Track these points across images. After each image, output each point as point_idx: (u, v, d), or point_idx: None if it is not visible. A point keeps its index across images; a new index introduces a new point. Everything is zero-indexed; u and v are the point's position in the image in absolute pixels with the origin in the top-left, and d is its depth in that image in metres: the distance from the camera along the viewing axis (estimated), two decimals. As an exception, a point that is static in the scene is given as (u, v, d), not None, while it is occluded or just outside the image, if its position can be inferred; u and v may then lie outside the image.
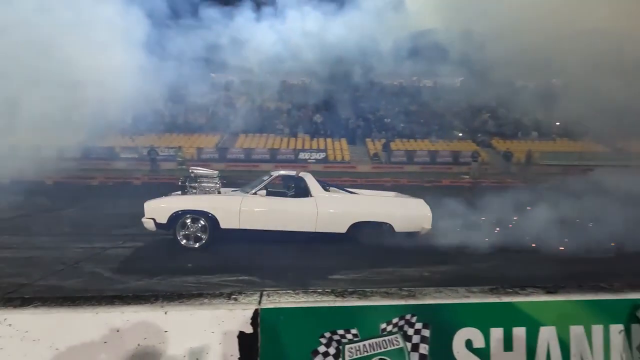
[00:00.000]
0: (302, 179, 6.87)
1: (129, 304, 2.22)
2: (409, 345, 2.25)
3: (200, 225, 6.52)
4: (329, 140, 24.42)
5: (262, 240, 6.61)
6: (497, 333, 2.34)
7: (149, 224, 6.54)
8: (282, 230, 6.55)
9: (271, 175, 7.14)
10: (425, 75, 27.06)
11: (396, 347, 2.23)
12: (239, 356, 2.18)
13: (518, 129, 26.81)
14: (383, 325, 2.25)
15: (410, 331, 2.26)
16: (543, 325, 2.36)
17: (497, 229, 7.65)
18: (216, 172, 7.25)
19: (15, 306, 2.17)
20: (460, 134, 26.62)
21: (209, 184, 7.04)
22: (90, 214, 9.90)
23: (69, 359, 2.11)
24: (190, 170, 7.24)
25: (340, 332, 2.20)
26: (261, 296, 2.34)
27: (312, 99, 25.30)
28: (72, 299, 2.28)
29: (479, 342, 2.32)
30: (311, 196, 6.67)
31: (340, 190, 7.32)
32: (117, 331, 2.14)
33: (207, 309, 2.21)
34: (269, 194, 7.10)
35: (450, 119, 27.91)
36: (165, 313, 2.18)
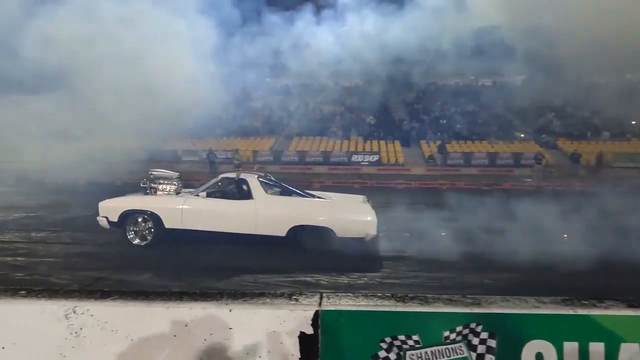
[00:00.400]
0: (244, 181, 6.88)
1: (196, 300, 2.33)
2: (473, 355, 2.16)
3: (147, 224, 6.82)
4: (382, 142, 24.15)
5: (206, 241, 6.68)
6: (571, 347, 2.19)
7: (102, 222, 6.95)
8: (223, 232, 6.61)
9: (218, 178, 7.29)
10: (485, 74, 26.02)
11: (460, 356, 2.16)
12: (299, 356, 2.20)
13: (587, 128, 24.98)
14: (446, 333, 2.18)
15: (475, 341, 2.17)
16: (625, 341, 2.18)
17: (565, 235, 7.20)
18: (176, 173, 7.44)
19: (96, 298, 2.35)
20: (522, 135, 25.26)
21: (168, 185, 7.27)
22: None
23: (143, 349, 2.25)
24: (149, 172, 7.46)
25: (402, 337, 2.16)
26: (321, 298, 2.35)
27: (365, 101, 25.18)
28: (145, 293, 2.42)
29: (550, 356, 2.18)
30: (252, 198, 6.69)
31: (295, 193, 7.26)
32: (186, 325, 2.25)
33: (269, 308, 2.26)
34: (211, 195, 7.10)
35: (511, 119, 26.60)
36: (230, 310, 2.25)
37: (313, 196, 7.33)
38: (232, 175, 7.28)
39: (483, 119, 26.36)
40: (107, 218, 6.95)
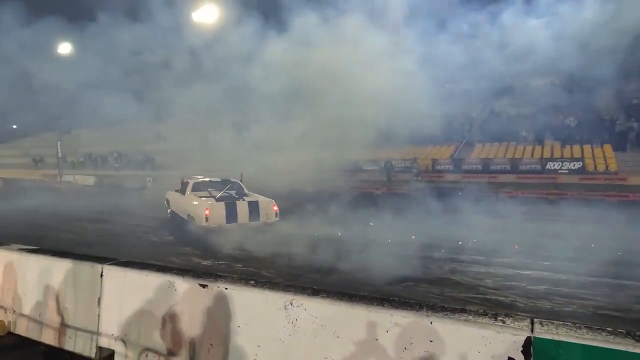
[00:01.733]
0: (187, 183, 10.10)
1: (396, 308, 2.38)
2: None
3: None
4: (586, 147, 20.52)
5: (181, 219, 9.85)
6: None
7: (165, 204, 11.46)
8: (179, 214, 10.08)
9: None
10: None
11: None
12: (507, 384, 2.03)
13: None
14: None
15: None
16: None
17: None
18: (201, 177, 10.37)
19: (308, 294, 2.64)
20: None
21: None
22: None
23: (349, 347, 2.41)
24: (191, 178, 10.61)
25: (646, 387, 1.78)
26: (532, 323, 2.12)
27: (564, 100, 21.89)
28: (348, 295, 2.61)
29: None
30: (185, 195, 9.85)
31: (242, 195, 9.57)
32: (387, 331, 2.33)
33: (473, 326, 2.16)
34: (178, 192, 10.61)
35: None
36: (431, 323, 2.24)
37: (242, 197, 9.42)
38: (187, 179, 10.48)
39: None
40: (165, 201, 11.48)
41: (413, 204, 10.86)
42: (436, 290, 5.27)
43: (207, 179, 10.27)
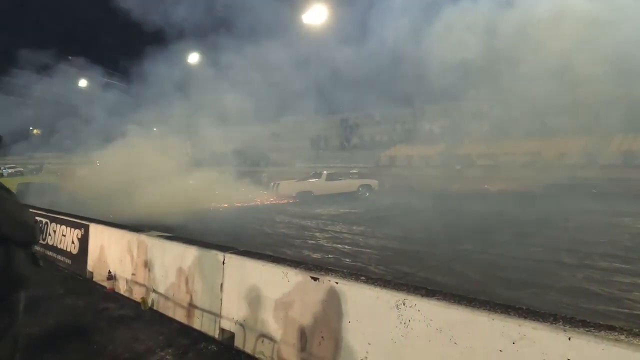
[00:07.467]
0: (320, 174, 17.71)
1: (525, 317, 2.11)
2: None
3: None
4: None
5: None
6: None
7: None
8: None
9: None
10: None
11: None
12: None
13: None
14: None
15: None
16: None
17: None
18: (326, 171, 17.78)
19: (422, 295, 2.49)
20: None
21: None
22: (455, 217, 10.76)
23: (466, 356, 2.21)
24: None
25: None
26: None
27: None
28: (468, 299, 2.39)
29: None
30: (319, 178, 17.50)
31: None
32: (513, 343, 2.08)
33: (627, 348, 1.80)
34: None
35: None
36: (569, 339, 1.93)
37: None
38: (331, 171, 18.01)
39: None
40: None
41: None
42: (568, 300, 4.63)
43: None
